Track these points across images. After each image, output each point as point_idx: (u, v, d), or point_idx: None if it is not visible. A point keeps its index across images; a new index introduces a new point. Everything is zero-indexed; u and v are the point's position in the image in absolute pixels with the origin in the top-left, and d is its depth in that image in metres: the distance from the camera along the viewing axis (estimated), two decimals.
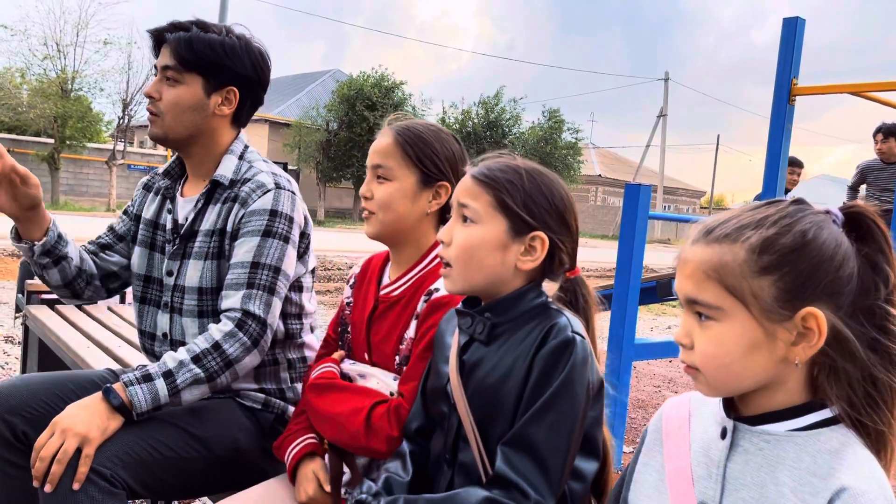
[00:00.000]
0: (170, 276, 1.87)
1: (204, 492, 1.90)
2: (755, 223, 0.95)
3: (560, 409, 1.18)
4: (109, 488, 1.51)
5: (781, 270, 0.91)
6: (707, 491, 1.00)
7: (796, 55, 4.04)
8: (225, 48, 1.83)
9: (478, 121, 27.28)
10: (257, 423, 1.85)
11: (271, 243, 1.75)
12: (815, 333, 0.91)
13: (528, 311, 1.28)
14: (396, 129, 1.60)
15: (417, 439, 1.41)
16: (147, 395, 1.61)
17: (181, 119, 1.83)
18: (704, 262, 0.95)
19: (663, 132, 35.23)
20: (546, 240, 1.27)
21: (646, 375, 6.42)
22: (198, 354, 1.66)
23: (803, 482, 0.91)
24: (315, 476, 1.56)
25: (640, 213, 3.62)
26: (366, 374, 1.59)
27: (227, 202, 1.82)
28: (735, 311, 0.93)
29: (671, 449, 1.07)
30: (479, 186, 1.29)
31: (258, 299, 1.71)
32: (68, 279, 1.93)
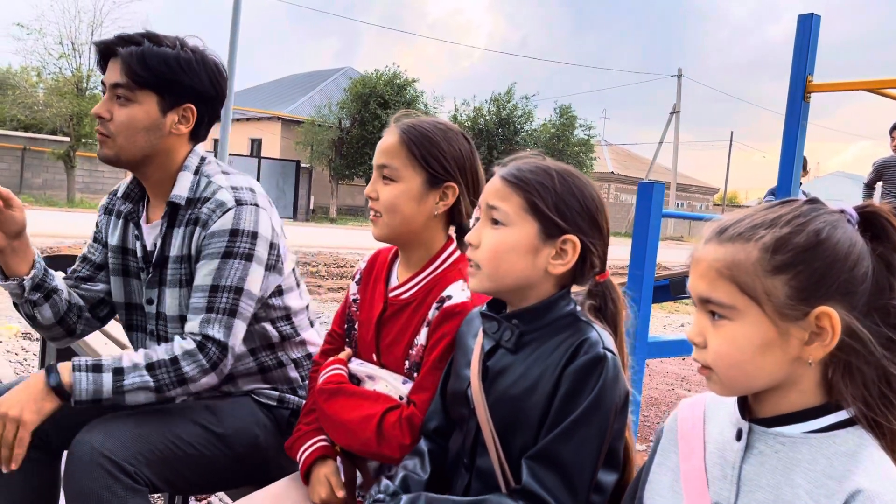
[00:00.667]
0: (150, 304, 1.83)
1: (223, 487, 1.94)
2: (769, 222, 0.95)
3: (589, 427, 1.17)
4: (133, 485, 1.54)
5: (795, 269, 0.91)
6: (722, 492, 1.00)
7: (811, 52, 4.02)
8: (180, 63, 1.73)
9: (489, 118, 27.23)
10: (274, 420, 1.87)
11: (232, 264, 1.68)
12: (828, 333, 0.91)
13: (557, 321, 1.26)
14: (402, 127, 1.55)
15: (435, 438, 1.40)
16: (90, 385, 1.59)
17: (135, 140, 1.73)
18: (717, 260, 0.95)
19: (676, 129, 35.04)
20: (578, 243, 1.25)
21: (659, 373, 6.41)
22: (154, 363, 1.63)
23: (819, 484, 0.91)
24: (328, 480, 1.56)
25: (654, 211, 3.62)
26: (374, 377, 1.58)
27: (189, 224, 1.74)
28: (748, 310, 0.93)
29: (686, 450, 1.07)
30: (509, 188, 1.26)
31: (217, 323, 1.66)
32: (61, 314, 1.86)
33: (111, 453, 1.52)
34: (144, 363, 1.63)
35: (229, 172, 1.82)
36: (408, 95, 25.82)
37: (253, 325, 1.81)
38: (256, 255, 1.71)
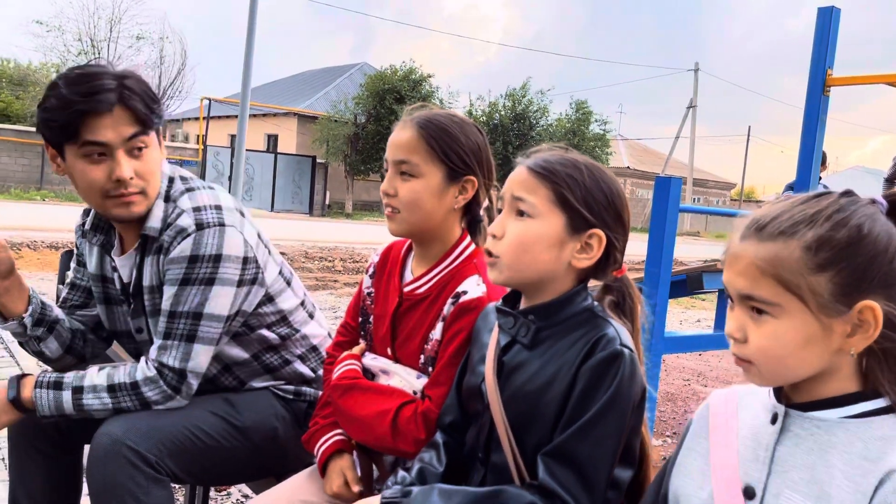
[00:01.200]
0: (140, 332, 1.82)
1: (243, 478, 1.96)
2: (808, 218, 0.94)
3: (606, 424, 1.17)
4: (155, 475, 1.57)
5: (838, 266, 0.92)
6: (753, 473, 1.00)
7: (831, 45, 3.98)
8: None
9: (504, 113, 27.16)
10: (292, 412, 1.88)
11: (189, 291, 1.65)
12: (871, 325, 0.92)
13: (574, 317, 1.25)
14: (419, 121, 1.52)
15: (451, 433, 1.40)
16: (51, 402, 1.63)
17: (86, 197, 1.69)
18: (759, 258, 0.95)
19: (693, 123, 34.78)
20: (604, 238, 1.24)
21: (675, 369, 6.38)
22: (115, 385, 1.64)
23: (854, 465, 0.92)
24: (344, 474, 1.57)
25: (671, 206, 3.60)
26: (389, 371, 1.57)
27: (156, 253, 1.71)
28: (792, 307, 0.93)
29: (718, 440, 1.07)
30: (537, 179, 1.24)
31: (174, 350, 1.65)
32: (67, 343, 1.87)
33: (133, 444, 1.55)
34: (106, 384, 1.64)
35: (195, 189, 1.76)
36: (423, 91, 25.81)
37: (248, 333, 1.81)
38: (220, 277, 1.67)
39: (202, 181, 1.82)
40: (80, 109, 1.57)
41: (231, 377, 1.86)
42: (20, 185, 20.98)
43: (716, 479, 1.04)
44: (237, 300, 1.71)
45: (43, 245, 9.95)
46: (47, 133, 1.63)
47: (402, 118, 1.57)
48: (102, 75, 1.61)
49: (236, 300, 1.71)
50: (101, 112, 1.58)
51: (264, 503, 1.61)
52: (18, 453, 1.85)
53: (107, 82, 1.60)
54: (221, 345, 1.76)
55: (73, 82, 1.59)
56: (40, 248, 9.75)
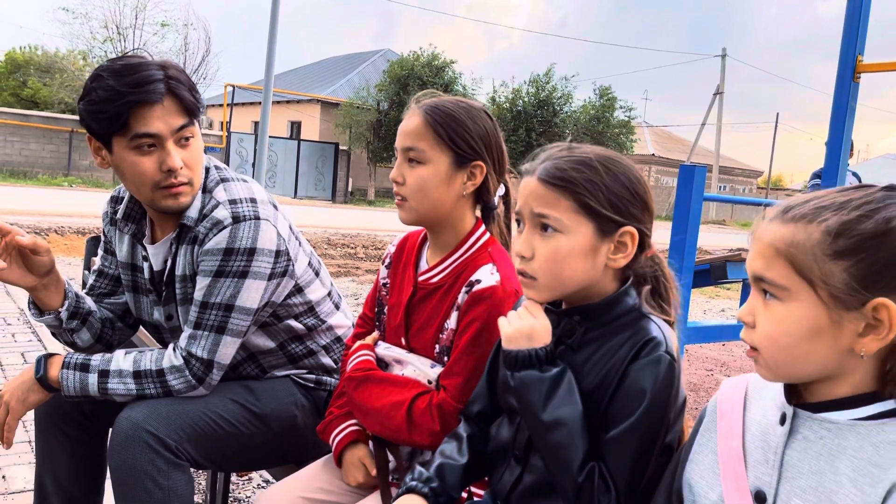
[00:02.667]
0: (170, 319, 1.83)
1: (263, 465, 1.98)
2: (837, 205, 0.91)
3: (642, 436, 1.14)
4: (175, 460, 1.59)
5: (857, 256, 0.88)
6: (763, 477, 0.98)
7: (861, 30, 3.89)
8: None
9: (528, 99, 26.98)
10: (312, 401, 1.89)
11: (223, 283, 1.66)
12: (885, 326, 0.87)
13: (622, 317, 1.22)
14: (425, 108, 1.51)
15: (478, 422, 1.38)
16: (77, 383, 1.66)
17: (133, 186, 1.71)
18: (777, 239, 0.92)
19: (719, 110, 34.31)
20: (636, 233, 1.19)
21: (698, 359, 6.34)
22: (141, 371, 1.66)
23: (863, 472, 0.89)
24: (362, 463, 1.58)
25: (695, 195, 3.56)
26: (402, 361, 1.57)
27: (191, 243, 1.72)
28: (801, 293, 0.90)
29: (724, 430, 1.05)
30: (555, 192, 1.18)
31: (203, 340, 1.67)
32: (98, 333, 1.90)
33: (154, 429, 1.57)
34: (132, 370, 1.66)
35: (229, 179, 1.78)
36: (446, 77, 25.71)
37: (275, 324, 1.83)
38: (254, 270, 1.68)
39: (235, 172, 1.83)
40: (131, 101, 1.57)
41: (254, 365, 1.87)
42: (48, 171, 21.29)
43: (725, 479, 1.02)
44: (267, 293, 1.73)
45: (70, 230, 10.10)
46: (94, 125, 1.63)
47: (410, 105, 1.57)
48: (148, 65, 1.62)
49: (266, 293, 1.72)
50: (153, 103, 1.59)
51: (280, 491, 1.62)
52: (45, 437, 1.88)
53: (154, 73, 1.60)
54: (248, 335, 1.78)
55: (119, 73, 1.59)
56: (67, 234, 9.89)
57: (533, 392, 1.18)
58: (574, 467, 1.14)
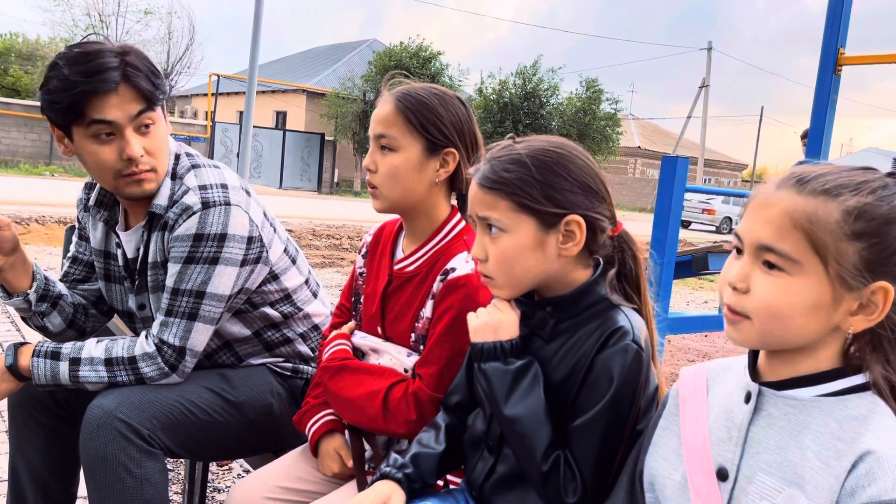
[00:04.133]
0: (142, 309, 1.81)
1: (239, 454, 1.96)
2: (854, 186, 0.91)
3: (608, 424, 1.15)
4: (147, 448, 1.57)
5: (871, 240, 0.89)
6: (726, 454, 0.99)
7: (843, 23, 3.91)
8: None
9: (515, 91, 26.95)
10: (289, 389, 1.88)
11: (194, 269, 1.64)
12: (878, 308, 0.90)
13: (592, 306, 1.22)
14: (397, 95, 1.51)
15: (457, 412, 1.38)
16: (47, 371, 1.64)
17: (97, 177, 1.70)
18: (796, 210, 0.91)
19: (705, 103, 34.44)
20: (581, 220, 1.19)
21: (680, 350, 6.37)
22: (112, 359, 1.64)
23: (827, 446, 0.90)
24: (337, 454, 1.57)
25: (677, 186, 3.58)
26: (379, 350, 1.57)
27: (161, 230, 1.70)
28: (811, 268, 0.90)
29: (689, 412, 1.06)
30: (491, 195, 1.21)
31: (175, 327, 1.66)
32: (69, 318, 1.88)
33: (126, 417, 1.55)
34: (103, 357, 1.65)
35: (200, 166, 1.75)
36: (433, 68, 25.63)
37: (251, 311, 1.81)
38: (225, 256, 1.66)
39: (207, 159, 1.81)
40: (85, 90, 1.55)
41: (230, 353, 1.85)
42: (29, 159, 21.05)
43: (688, 460, 1.03)
44: (240, 279, 1.71)
45: (51, 220, 9.99)
46: (53, 115, 1.61)
47: (382, 92, 1.56)
48: (103, 53, 1.58)
49: (239, 279, 1.71)
50: (107, 91, 1.57)
51: (256, 481, 1.61)
52: (18, 425, 1.86)
53: (109, 60, 1.57)
54: (222, 322, 1.76)
55: (74, 62, 1.57)
56: (48, 223, 9.79)
57: (496, 383, 1.20)
58: (538, 456, 1.16)
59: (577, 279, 1.25)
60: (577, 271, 1.25)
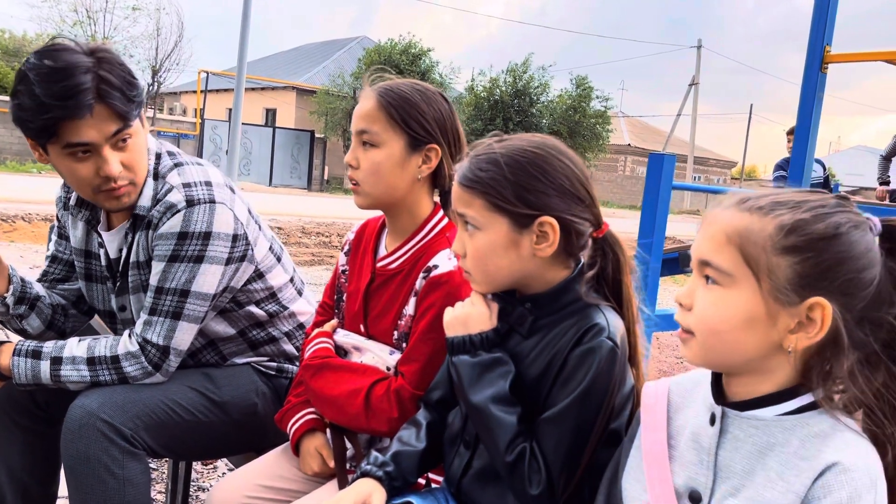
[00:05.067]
0: (123, 311, 1.80)
1: (223, 453, 1.96)
2: (793, 204, 0.94)
3: (576, 419, 1.16)
4: (130, 448, 1.56)
5: (804, 255, 0.90)
6: (699, 478, 1.00)
7: (829, 21, 3.93)
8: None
9: (505, 89, 26.93)
10: (273, 389, 1.87)
11: (178, 268, 1.63)
12: (816, 325, 0.91)
13: (571, 304, 1.23)
14: (379, 90, 1.51)
15: (438, 409, 1.38)
16: (28, 371, 1.62)
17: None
18: (730, 225, 0.94)
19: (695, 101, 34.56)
20: (554, 222, 1.20)
21: (668, 346, 6.39)
22: (95, 358, 1.62)
23: (790, 465, 0.91)
24: (318, 453, 1.56)
25: (664, 183, 3.59)
26: (361, 348, 1.56)
27: (145, 228, 1.68)
28: (744, 282, 0.92)
29: (648, 428, 1.07)
30: (468, 193, 1.23)
31: (159, 326, 1.64)
32: (48, 320, 1.86)
33: (108, 417, 1.54)
34: (86, 356, 1.63)
35: (183, 164, 1.72)
36: (423, 65, 25.59)
37: (236, 310, 1.80)
38: (210, 255, 1.65)
39: (190, 157, 1.79)
40: (57, 116, 1.49)
41: (214, 353, 1.84)
42: (16, 157, 20.87)
43: (650, 480, 1.03)
44: (225, 278, 1.70)
45: (38, 217, 9.90)
46: (24, 130, 1.55)
47: (363, 88, 1.55)
48: (76, 69, 1.49)
49: (224, 278, 1.69)
50: (81, 117, 1.50)
51: (238, 479, 1.61)
52: None
53: (81, 79, 1.49)
54: (207, 321, 1.75)
55: (45, 79, 1.48)
56: (35, 221, 9.71)
57: (464, 375, 1.23)
58: (502, 446, 1.17)
59: (555, 278, 1.26)
60: (555, 270, 1.26)
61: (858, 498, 0.86)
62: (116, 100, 1.53)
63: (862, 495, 0.86)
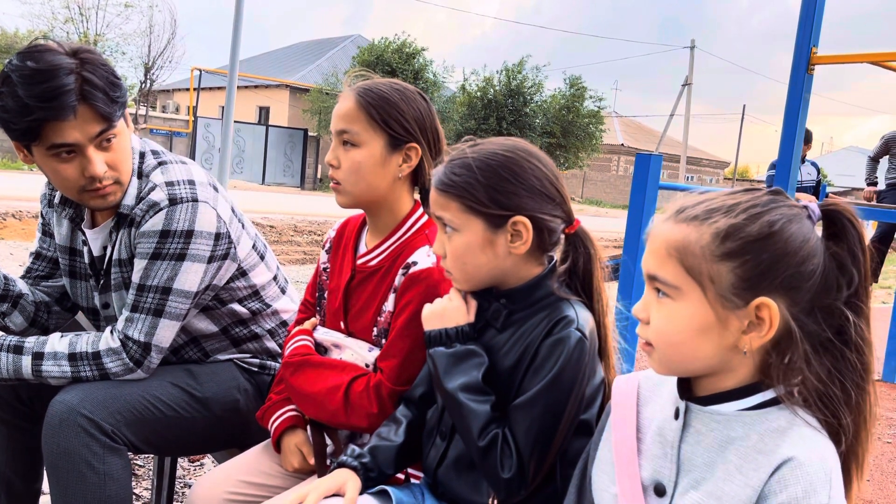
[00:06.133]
0: (106, 308, 1.81)
1: (205, 449, 1.96)
2: (726, 208, 0.95)
3: (546, 405, 1.19)
4: (110, 443, 1.57)
5: (742, 258, 0.92)
6: (663, 471, 1.02)
7: (816, 23, 3.95)
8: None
9: (499, 88, 26.95)
10: (255, 385, 1.88)
11: (160, 265, 1.63)
12: (766, 324, 0.92)
13: (543, 299, 1.28)
14: (358, 90, 1.52)
15: (420, 405, 1.41)
16: (10, 366, 1.63)
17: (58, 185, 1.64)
18: (669, 239, 0.96)
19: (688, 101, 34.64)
20: (527, 221, 1.25)
21: None
22: (76, 354, 1.63)
23: (749, 459, 0.93)
24: (299, 449, 1.58)
25: (650, 183, 3.60)
26: (340, 345, 1.58)
27: (128, 226, 1.69)
28: (691, 293, 0.94)
29: (617, 423, 1.09)
30: (444, 197, 1.28)
31: (140, 323, 1.65)
32: (31, 317, 1.87)
33: (89, 412, 1.55)
34: (67, 352, 1.63)
35: (167, 162, 1.73)
36: (416, 64, 25.58)
37: (218, 307, 1.81)
38: (192, 253, 1.65)
39: (174, 155, 1.79)
40: (40, 117, 1.48)
41: (196, 349, 1.85)
42: (7, 154, 20.77)
43: (619, 474, 1.05)
44: (207, 276, 1.71)
45: (28, 215, 9.87)
46: (7, 132, 1.55)
47: (344, 88, 1.57)
48: (58, 70, 1.49)
49: (206, 276, 1.70)
50: (65, 119, 1.50)
51: (220, 475, 1.62)
52: None
53: (65, 81, 1.49)
54: (189, 318, 1.76)
55: (28, 81, 1.48)
56: (25, 218, 9.68)
57: (440, 365, 1.27)
58: (476, 433, 1.21)
59: (529, 274, 1.30)
60: (529, 267, 1.30)
61: (814, 492, 0.87)
62: (100, 101, 1.53)
63: (817, 490, 0.88)
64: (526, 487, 1.20)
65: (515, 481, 1.19)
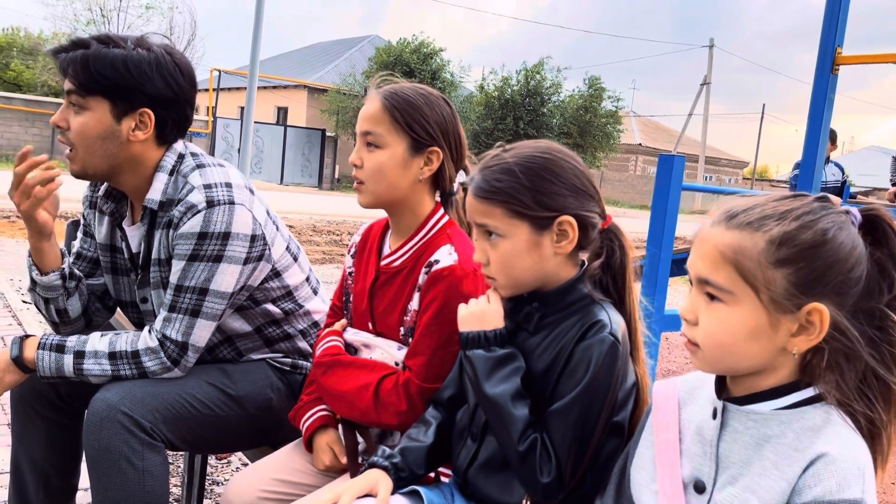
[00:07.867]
0: (144, 302, 1.86)
1: (238, 447, 2.00)
2: (779, 215, 0.97)
3: (582, 410, 1.21)
4: (149, 440, 1.61)
5: (797, 265, 0.94)
6: (703, 469, 1.04)
7: (841, 23, 3.92)
8: (128, 66, 1.65)
9: (517, 88, 26.91)
10: (287, 384, 1.91)
11: (197, 267, 1.67)
12: (816, 328, 0.95)
13: (576, 302, 1.29)
14: (384, 94, 1.56)
15: (448, 408, 1.43)
16: (52, 364, 1.67)
17: (94, 150, 1.70)
18: (724, 244, 0.98)
19: (706, 101, 34.42)
20: (573, 220, 1.26)
21: (677, 346, 6.40)
22: (116, 353, 1.67)
23: (784, 455, 0.95)
24: (330, 448, 1.61)
25: (674, 184, 3.59)
26: (370, 345, 1.61)
27: (165, 227, 1.73)
28: (745, 297, 0.96)
29: (660, 423, 1.12)
30: (486, 204, 1.28)
31: (178, 323, 1.68)
32: (86, 303, 1.93)
33: (129, 410, 1.58)
34: (107, 351, 1.68)
35: (206, 165, 1.77)
36: (434, 64, 25.60)
37: (252, 307, 1.84)
38: (228, 255, 1.69)
39: (213, 158, 1.84)
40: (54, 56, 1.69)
41: (230, 348, 1.89)
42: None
43: (660, 472, 1.08)
44: (242, 277, 1.74)
45: None
46: None
47: (369, 90, 1.60)
48: (98, 37, 1.69)
49: (241, 277, 1.74)
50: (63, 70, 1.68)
51: (253, 474, 1.65)
52: (20, 418, 1.90)
53: (86, 40, 1.69)
54: (224, 318, 1.80)
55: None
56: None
57: (479, 369, 1.28)
58: (515, 436, 1.22)
59: (568, 275, 1.32)
60: (568, 268, 1.32)
61: (847, 487, 0.90)
62: (76, 66, 1.66)
63: (851, 484, 0.90)
64: (563, 491, 1.22)
65: (553, 485, 1.21)
